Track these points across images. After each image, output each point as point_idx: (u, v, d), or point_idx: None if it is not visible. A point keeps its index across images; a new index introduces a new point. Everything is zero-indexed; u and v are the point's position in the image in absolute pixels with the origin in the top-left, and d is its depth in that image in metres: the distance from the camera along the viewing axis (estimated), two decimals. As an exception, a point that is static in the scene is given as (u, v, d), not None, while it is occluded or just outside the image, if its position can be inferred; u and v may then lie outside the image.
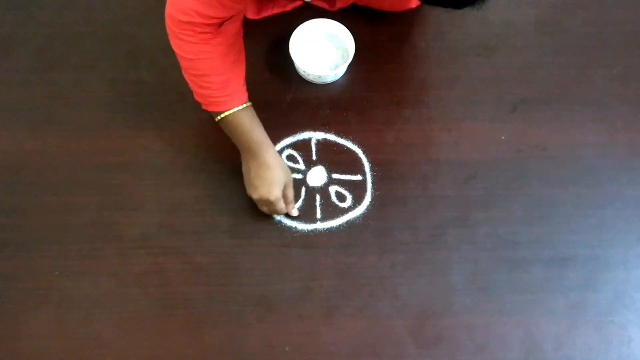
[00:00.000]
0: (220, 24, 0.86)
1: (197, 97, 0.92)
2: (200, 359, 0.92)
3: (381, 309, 0.95)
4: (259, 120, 0.94)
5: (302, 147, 1.05)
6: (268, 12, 1.12)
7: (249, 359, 0.92)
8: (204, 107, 0.93)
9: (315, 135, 1.05)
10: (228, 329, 0.94)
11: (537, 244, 0.99)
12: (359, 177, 1.03)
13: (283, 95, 1.07)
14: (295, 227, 0.99)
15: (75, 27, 1.14)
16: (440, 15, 1.15)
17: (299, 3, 1.13)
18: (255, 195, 0.94)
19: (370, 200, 1.01)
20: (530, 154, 1.05)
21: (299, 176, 1.03)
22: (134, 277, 0.96)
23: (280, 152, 1.04)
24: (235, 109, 0.91)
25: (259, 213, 0.99)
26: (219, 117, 0.92)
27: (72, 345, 0.93)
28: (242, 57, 0.94)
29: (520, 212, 1.01)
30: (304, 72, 1.06)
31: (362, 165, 1.03)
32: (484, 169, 1.03)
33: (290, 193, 0.97)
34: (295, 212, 0.99)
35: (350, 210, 1.00)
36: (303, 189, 1.02)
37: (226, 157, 1.03)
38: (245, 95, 0.93)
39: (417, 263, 0.97)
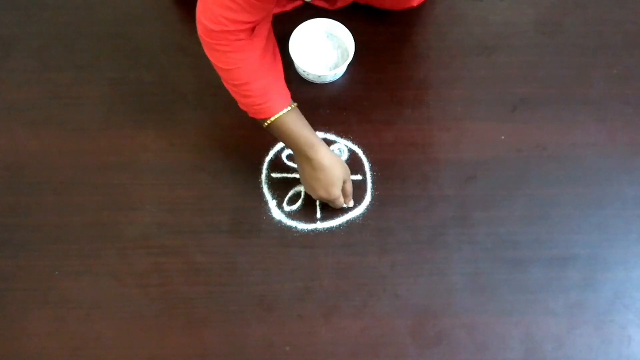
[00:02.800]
0: (253, 29, 0.85)
1: (241, 107, 0.91)
2: (200, 359, 0.92)
3: (381, 309, 0.95)
4: (306, 121, 0.92)
5: (302, 147, 1.05)
6: (268, 12, 1.12)
7: (249, 359, 0.92)
8: (250, 115, 0.91)
9: (315, 135, 1.05)
10: (228, 329, 0.94)
11: (537, 244, 0.99)
12: (358, 177, 1.03)
13: (283, 95, 1.07)
14: (295, 227, 0.99)
15: (75, 27, 1.14)
16: (440, 15, 1.15)
17: (298, 3, 1.13)
18: (314, 196, 0.95)
19: (370, 200, 1.01)
20: (530, 154, 1.05)
21: (299, 176, 1.03)
22: (134, 277, 0.96)
23: (280, 151, 1.04)
24: (280, 114, 0.89)
25: (259, 213, 0.99)
26: (266, 124, 0.90)
27: (72, 345, 0.93)
28: (278, 57, 0.92)
29: (520, 212, 1.01)
30: (304, 71, 1.06)
31: (362, 165, 1.03)
32: (484, 169, 1.03)
33: (349, 187, 0.96)
34: (351, 204, 0.99)
35: (350, 210, 1.00)
36: (303, 189, 1.02)
37: (226, 157, 1.03)
38: (287, 96, 0.91)
39: (417, 263, 0.97)
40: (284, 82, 0.92)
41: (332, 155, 0.93)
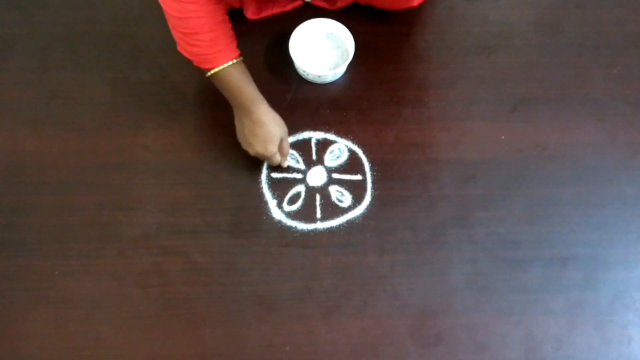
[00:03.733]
0: None
1: (186, 55, 0.93)
2: (200, 359, 0.92)
3: (381, 309, 0.95)
4: (250, 77, 0.95)
5: (302, 147, 1.05)
6: (268, 12, 1.12)
7: (249, 359, 0.92)
8: (195, 64, 0.93)
9: (315, 135, 1.05)
10: (228, 329, 0.94)
11: (537, 244, 0.99)
12: (359, 177, 1.03)
13: (283, 95, 1.07)
14: (295, 227, 0.99)
15: (75, 27, 1.14)
16: (440, 15, 1.15)
17: (298, 3, 1.13)
18: (251, 152, 0.96)
19: (370, 200, 1.01)
20: (530, 153, 1.05)
21: (299, 176, 1.03)
22: (134, 277, 0.96)
23: (280, 152, 1.04)
24: (225, 65, 0.91)
25: (259, 213, 0.99)
26: (209, 74, 0.92)
27: (72, 345, 0.93)
28: (227, 17, 0.94)
29: (520, 212, 1.01)
30: (304, 71, 1.06)
31: (362, 165, 1.03)
32: (484, 169, 1.03)
33: (286, 146, 0.99)
34: (285, 164, 1.01)
35: (350, 210, 1.00)
36: (303, 189, 1.02)
37: (226, 157, 1.03)
38: (235, 51, 0.93)
39: (417, 263, 0.97)
40: (233, 39, 0.93)
41: (272, 112, 0.96)
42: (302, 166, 1.04)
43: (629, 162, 1.05)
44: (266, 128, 0.94)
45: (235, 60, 0.92)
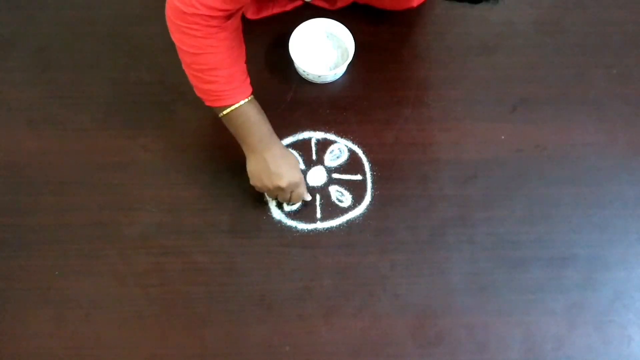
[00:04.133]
0: (227, 17, 0.84)
1: (199, 93, 0.90)
2: (200, 359, 0.92)
3: (381, 309, 0.95)
4: (264, 113, 0.93)
5: (302, 147, 1.05)
6: (268, 12, 1.12)
7: (249, 359, 0.92)
8: (207, 103, 0.90)
9: (315, 135, 1.05)
10: (228, 329, 0.94)
11: (537, 244, 0.99)
12: (359, 177, 1.03)
13: (283, 95, 1.08)
14: (295, 227, 0.99)
15: (75, 27, 1.14)
16: (440, 15, 1.15)
17: (298, 3, 1.13)
18: (283, 183, 0.92)
19: (370, 200, 1.01)
20: (530, 154, 1.05)
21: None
22: (134, 277, 0.96)
23: (280, 152, 1.04)
24: (242, 102, 0.89)
25: (259, 213, 0.99)
26: (224, 112, 0.89)
27: (72, 345, 0.93)
28: (243, 52, 0.92)
29: (520, 212, 1.01)
30: (304, 71, 1.06)
31: (362, 165, 1.03)
32: (484, 169, 1.03)
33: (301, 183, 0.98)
34: (308, 197, 1.00)
35: (350, 210, 1.00)
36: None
37: (226, 157, 1.03)
38: (249, 88, 0.91)
39: (417, 263, 0.97)
40: (247, 76, 0.91)
41: (286, 149, 0.96)
42: (302, 166, 1.04)
43: (629, 162, 1.05)
44: (290, 156, 0.95)
45: (251, 97, 0.90)
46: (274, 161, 0.92)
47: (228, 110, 0.89)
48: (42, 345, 0.93)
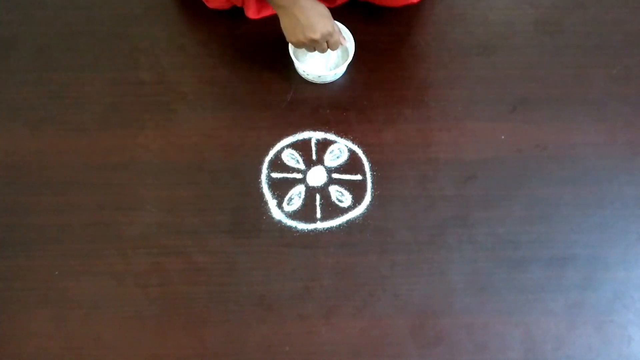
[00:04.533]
0: None
1: None
2: (200, 359, 0.92)
3: (381, 309, 0.95)
4: None
5: (302, 147, 1.05)
6: (268, 12, 1.12)
7: (249, 359, 0.92)
8: None
9: (315, 135, 1.05)
10: (228, 329, 0.94)
11: (537, 244, 0.99)
12: (358, 177, 1.03)
13: (283, 95, 1.08)
14: (295, 227, 0.99)
15: (75, 27, 1.14)
16: (440, 14, 1.15)
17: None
18: (317, 35, 0.93)
19: (370, 200, 1.01)
20: (530, 154, 1.05)
21: (299, 176, 1.03)
22: (134, 277, 0.96)
23: (280, 151, 1.04)
24: None
25: (259, 213, 0.99)
26: None
27: (72, 345, 0.93)
28: None
29: (520, 212, 1.01)
30: (304, 72, 1.06)
31: (362, 165, 1.03)
32: (484, 169, 1.03)
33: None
34: (345, 42, 1.00)
35: (350, 210, 1.00)
36: (303, 189, 1.02)
37: (226, 157, 1.03)
38: None
39: (417, 263, 0.97)
40: None
41: None
42: (302, 166, 1.04)
43: (629, 162, 1.05)
44: (319, 7, 0.93)
45: None
46: (303, 13, 0.92)
47: None
48: (42, 345, 0.93)
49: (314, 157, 1.04)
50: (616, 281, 0.97)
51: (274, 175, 1.03)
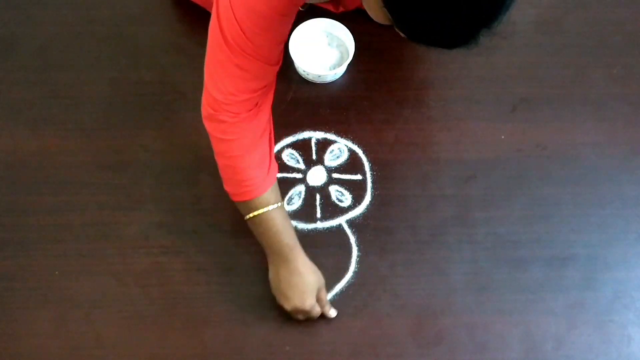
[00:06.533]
0: (257, 103, 0.85)
1: (227, 186, 0.89)
2: (200, 359, 0.92)
3: (381, 309, 0.95)
4: (290, 221, 0.92)
5: (302, 146, 1.05)
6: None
7: (249, 359, 0.92)
8: (234, 198, 0.89)
9: (315, 135, 1.05)
10: (228, 329, 0.94)
11: (537, 244, 0.99)
12: (358, 177, 1.03)
13: (283, 95, 1.07)
14: (295, 227, 0.99)
15: (75, 27, 1.14)
16: (440, 15, 1.15)
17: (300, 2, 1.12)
18: (288, 307, 0.89)
19: (370, 199, 1.01)
20: (530, 153, 1.05)
21: (299, 176, 1.03)
22: (134, 277, 0.96)
23: (280, 151, 1.04)
24: (269, 208, 0.87)
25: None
26: (249, 216, 0.88)
27: (72, 345, 0.93)
28: (272, 144, 0.91)
29: (520, 212, 1.01)
30: (304, 71, 1.06)
31: (362, 165, 1.03)
32: (484, 169, 1.03)
33: (324, 295, 0.92)
34: (333, 313, 0.93)
35: (350, 210, 1.00)
36: (303, 189, 1.02)
37: (226, 157, 1.03)
38: (278, 192, 0.90)
39: (417, 263, 0.97)
40: (275, 176, 0.90)
41: (310, 262, 0.91)
42: (302, 166, 1.04)
43: (629, 162, 1.05)
44: (303, 278, 0.88)
45: (279, 204, 0.89)
46: (287, 279, 0.89)
47: (253, 214, 0.88)
48: (42, 345, 0.93)
49: (314, 156, 1.04)
50: (616, 281, 0.97)
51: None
